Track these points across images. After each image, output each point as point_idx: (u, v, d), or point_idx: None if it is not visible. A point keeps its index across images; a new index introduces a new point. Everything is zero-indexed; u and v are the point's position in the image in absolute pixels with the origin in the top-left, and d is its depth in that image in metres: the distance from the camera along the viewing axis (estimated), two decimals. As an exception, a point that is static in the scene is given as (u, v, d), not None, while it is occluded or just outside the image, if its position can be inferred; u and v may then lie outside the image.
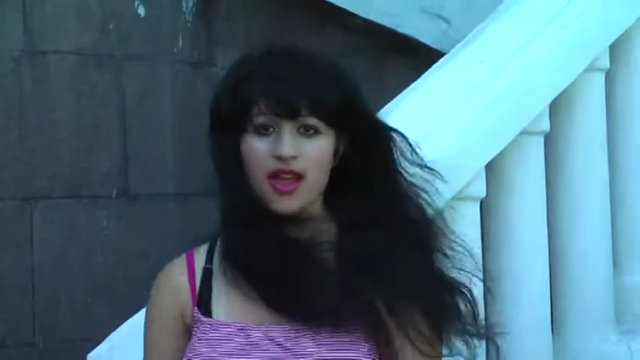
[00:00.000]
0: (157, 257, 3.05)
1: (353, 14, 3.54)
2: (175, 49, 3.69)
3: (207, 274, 1.44)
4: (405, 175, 1.51)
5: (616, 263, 2.86)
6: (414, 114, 2.40)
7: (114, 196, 3.40)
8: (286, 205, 1.38)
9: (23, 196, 3.42)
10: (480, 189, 2.37)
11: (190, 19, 3.77)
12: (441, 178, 1.60)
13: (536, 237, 2.59)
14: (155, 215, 3.49)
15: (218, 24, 3.81)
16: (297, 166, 1.36)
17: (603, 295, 2.78)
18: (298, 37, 3.47)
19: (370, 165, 1.47)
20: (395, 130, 1.52)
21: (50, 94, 3.31)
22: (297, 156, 1.37)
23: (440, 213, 1.57)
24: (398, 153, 1.50)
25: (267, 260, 1.38)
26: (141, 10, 3.56)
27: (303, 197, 1.39)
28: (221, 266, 1.42)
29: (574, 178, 2.68)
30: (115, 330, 2.15)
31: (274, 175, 1.37)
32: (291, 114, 1.37)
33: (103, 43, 3.40)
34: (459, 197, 2.29)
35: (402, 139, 1.51)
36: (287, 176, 1.37)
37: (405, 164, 1.51)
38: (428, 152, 1.81)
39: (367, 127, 1.46)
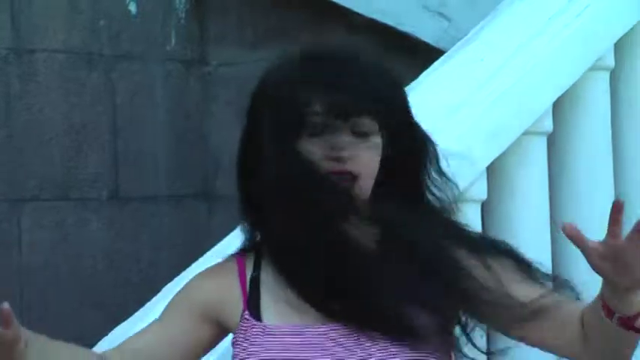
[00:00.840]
0: (148, 260, 3.02)
1: (353, 12, 3.50)
2: (168, 47, 3.61)
3: (256, 280, 1.47)
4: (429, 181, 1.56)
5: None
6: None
7: (104, 198, 3.36)
8: (362, 194, 1.44)
9: (11, 198, 3.36)
10: (481, 191, 2.33)
11: (183, 16, 3.70)
12: (457, 187, 1.64)
13: (539, 240, 2.51)
14: (146, 218, 3.45)
15: (211, 21, 3.72)
16: (352, 167, 1.41)
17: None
18: (296, 34, 3.44)
19: (410, 172, 1.51)
20: (430, 140, 1.56)
21: (39, 93, 3.25)
22: (353, 157, 1.42)
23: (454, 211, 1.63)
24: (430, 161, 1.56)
25: (320, 268, 1.42)
26: (132, 7, 3.48)
27: (359, 193, 1.44)
28: (270, 273, 1.46)
29: (579, 180, 2.63)
30: (105, 335, 2.10)
31: (335, 171, 1.42)
32: (346, 115, 1.41)
33: (93, 42, 3.35)
34: (460, 199, 2.17)
35: (433, 148, 1.55)
36: (344, 177, 1.41)
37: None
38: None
39: (412, 132, 1.52)
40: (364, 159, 1.45)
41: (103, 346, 2.05)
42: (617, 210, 1.36)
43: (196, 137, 3.73)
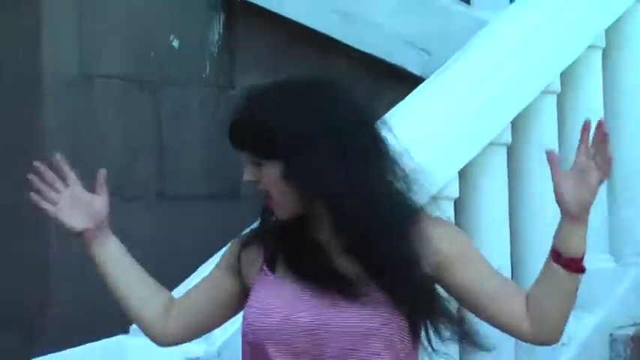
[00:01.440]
0: (188, 250, 3.31)
1: (350, 47, 3.80)
2: (203, 75, 4.03)
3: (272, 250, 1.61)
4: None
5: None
6: (400, 129, 2.52)
7: (153, 197, 3.76)
8: (277, 214, 1.56)
9: None
10: (453, 191, 2.64)
11: (216, 50, 4.09)
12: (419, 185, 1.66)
13: (499, 230, 2.84)
14: (186, 212, 3.83)
15: (239, 54, 4.12)
16: (263, 188, 1.53)
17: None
18: (306, 65, 3.81)
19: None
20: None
21: (99, 112, 3.67)
22: (257, 180, 1.54)
23: (424, 207, 1.65)
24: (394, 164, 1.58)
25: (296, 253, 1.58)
26: (175, 43, 3.93)
27: (281, 211, 1.54)
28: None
29: (532, 183, 2.93)
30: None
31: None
32: (240, 148, 1.52)
33: (143, 70, 3.76)
34: (437, 197, 2.47)
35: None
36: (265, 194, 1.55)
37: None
38: (413, 159, 1.88)
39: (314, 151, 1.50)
40: (265, 182, 1.53)
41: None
42: (585, 129, 1.50)
43: (226, 149, 3.77)
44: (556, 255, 1.54)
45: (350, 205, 1.50)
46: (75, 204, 1.72)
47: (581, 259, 1.55)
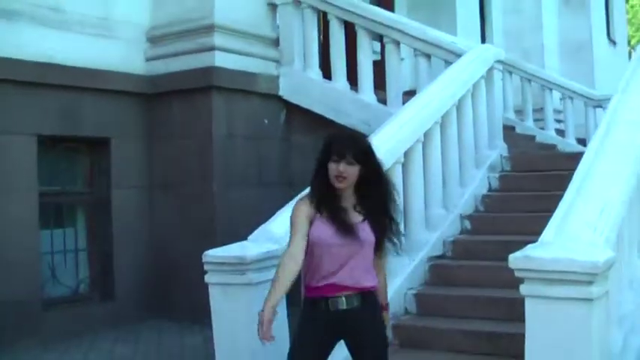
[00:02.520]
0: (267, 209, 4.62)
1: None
2: (279, 133, 7.27)
3: (317, 205, 3.01)
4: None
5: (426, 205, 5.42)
6: (378, 138, 4.59)
7: (254, 184, 6.82)
8: (341, 186, 2.97)
9: (225, 183, 6.57)
10: (401, 160, 4.84)
11: (282, 123, 7.31)
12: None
13: (419, 184, 5.19)
14: (268, 193, 6.81)
15: (293, 124, 7.30)
16: (344, 174, 2.95)
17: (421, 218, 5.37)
18: (320, 130, 6.33)
19: (370, 179, 2.98)
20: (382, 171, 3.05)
21: (241, 155, 6.88)
22: (344, 171, 2.95)
23: (393, 185, 3.09)
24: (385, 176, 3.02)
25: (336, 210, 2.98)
26: (266, 120, 7.10)
27: (345, 185, 2.97)
28: (319, 203, 3.00)
29: (432, 163, 5.30)
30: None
31: (338, 176, 2.95)
32: (343, 157, 2.94)
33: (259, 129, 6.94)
34: (397, 162, 4.78)
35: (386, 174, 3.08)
36: (341, 178, 2.95)
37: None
38: (381, 149, 3.68)
39: (372, 166, 2.99)
40: (350, 172, 2.94)
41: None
42: None
43: (286, 161, 7.19)
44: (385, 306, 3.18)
45: (370, 192, 3.01)
46: None
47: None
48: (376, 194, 2.99)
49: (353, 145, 2.96)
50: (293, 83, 7.21)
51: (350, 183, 2.96)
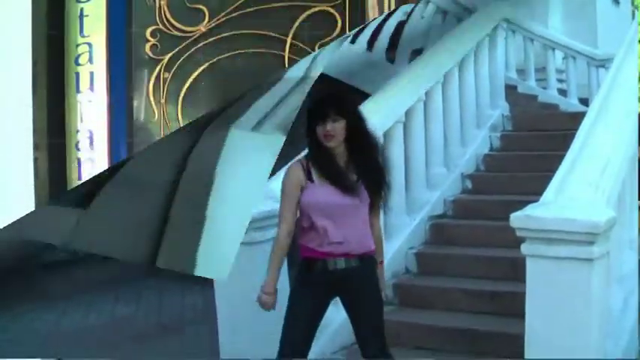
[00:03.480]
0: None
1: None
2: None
3: (310, 169, 2.99)
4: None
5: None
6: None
7: None
8: (332, 144, 2.97)
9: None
10: (402, 120, 4.91)
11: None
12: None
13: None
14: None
15: None
16: (331, 132, 2.95)
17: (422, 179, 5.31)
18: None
19: (359, 136, 3.00)
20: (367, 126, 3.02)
21: None
22: (332, 129, 2.96)
23: (383, 148, 3.21)
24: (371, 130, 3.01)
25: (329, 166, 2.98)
26: None
27: (335, 142, 2.97)
28: (314, 167, 2.99)
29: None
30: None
31: (326, 135, 2.95)
32: (327, 116, 2.95)
33: None
34: (396, 122, 4.85)
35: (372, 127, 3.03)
36: (329, 134, 2.96)
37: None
38: (382, 109, 4.54)
39: (358, 120, 3.01)
40: (337, 128, 2.95)
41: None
42: None
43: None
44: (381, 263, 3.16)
45: (361, 147, 3.01)
46: None
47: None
48: (367, 148, 3.01)
49: (334, 102, 2.99)
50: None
51: (340, 140, 2.98)
